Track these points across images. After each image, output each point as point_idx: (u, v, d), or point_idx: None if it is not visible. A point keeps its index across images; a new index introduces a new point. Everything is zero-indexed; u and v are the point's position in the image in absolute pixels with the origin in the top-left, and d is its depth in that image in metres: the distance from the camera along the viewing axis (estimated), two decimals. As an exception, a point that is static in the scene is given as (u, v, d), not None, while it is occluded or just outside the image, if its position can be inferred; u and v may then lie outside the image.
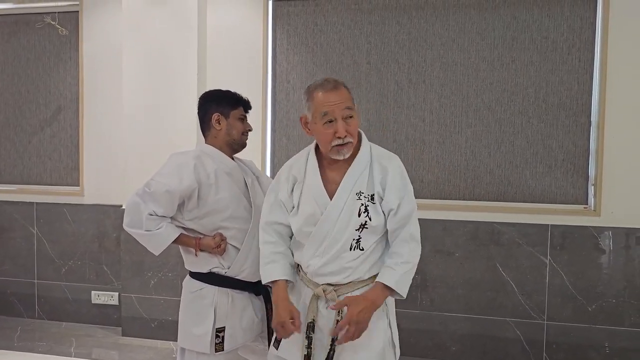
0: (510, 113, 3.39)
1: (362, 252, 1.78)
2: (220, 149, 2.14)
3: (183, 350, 2.09)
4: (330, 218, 1.78)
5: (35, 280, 4.13)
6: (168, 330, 3.71)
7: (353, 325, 1.68)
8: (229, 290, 2.04)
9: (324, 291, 1.80)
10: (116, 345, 3.66)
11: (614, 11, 3.19)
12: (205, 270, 2.04)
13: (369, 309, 1.71)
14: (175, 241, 2.02)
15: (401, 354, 1.89)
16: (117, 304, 3.96)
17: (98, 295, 4.01)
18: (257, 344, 2.16)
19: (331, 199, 1.79)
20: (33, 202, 4.10)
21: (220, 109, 2.14)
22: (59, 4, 3.98)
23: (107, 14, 3.91)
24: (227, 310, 2.02)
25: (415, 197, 1.86)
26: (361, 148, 1.85)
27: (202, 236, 2.04)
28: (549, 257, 3.30)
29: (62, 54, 4.06)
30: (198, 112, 2.19)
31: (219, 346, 1.99)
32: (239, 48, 3.71)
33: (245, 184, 2.16)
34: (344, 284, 1.80)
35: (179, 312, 2.14)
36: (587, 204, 3.30)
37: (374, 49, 3.55)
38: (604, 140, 3.22)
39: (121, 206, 3.77)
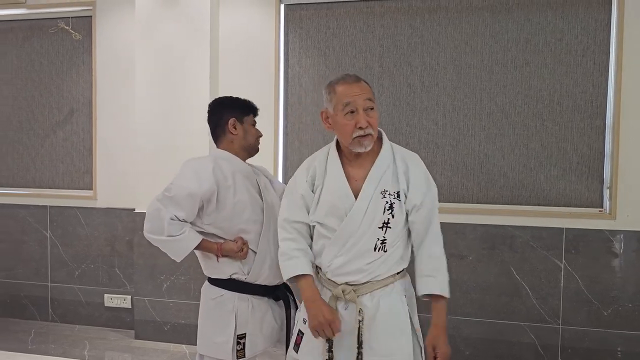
0: (524, 116, 3.37)
1: (386, 253, 1.79)
2: (236, 154, 2.14)
3: (202, 357, 2.08)
4: (356, 217, 1.78)
5: (49, 283, 4.15)
6: (181, 333, 3.72)
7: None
8: (249, 296, 2.04)
9: (343, 291, 1.80)
10: (129, 348, 3.67)
11: (629, 13, 3.16)
12: (225, 277, 2.04)
13: (445, 333, 1.81)
14: (197, 247, 2.01)
15: None
16: (130, 307, 3.97)
17: (111, 299, 4.03)
18: (275, 349, 2.16)
19: (355, 196, 1.79)
20: (46, 206, 4.12)
21: (235, 114, 2.14)
22: (72, 9, 4.01)
23: (120, 18, 3.93)
24: (248, 317, 2.02)
25: None
26: (383, 145, 1.85)
27: (222, 241, 2.03)
28: (563, 260, 3.28)
29: (75, 58, 4.08)
30: (209, 118, 2.18)
31: (240, 353, 1.99)
32: (251, 52, 3.71)
33: (259, 186, 2.16)
34: (362, 284, 1.80)
35: (199, 319, 2.14)
36: (602, 207, 3.27)
37: (387, 52, 3.55)
38: (619, 143, 3.20)
39: (134, 209, 3.78)
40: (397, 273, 1.84)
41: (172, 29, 3.64)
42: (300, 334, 1.87)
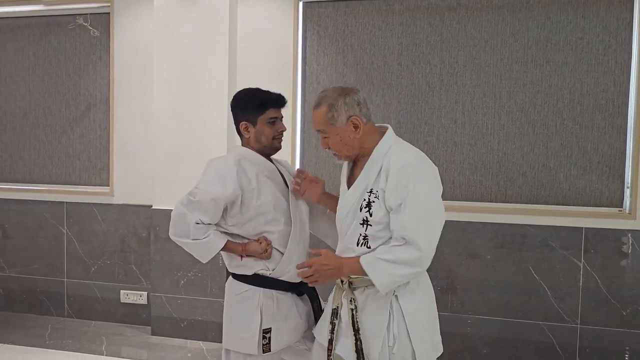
0: (544, 115, 3.36)
1: (370, 250, 1.82)
2: (257, 151, 2.12)
3: (228, 351, 2.09)
4: (342, 209, 1.89)
5: (65, 279, 4.18)
6: (197, 330, 3.73)
7: (311, 271, 1.85)
8: (273, 291, 2.04)
9: (341, 281, 1.89)
10: (146, 344, 3.69)
11: (652, 12, 3.16)
12: (250, 273, 2.04)
13: (333, 269, 1.84)
14: (222, 249, 2.02)
15: None
16: (146, 303, 3.99)
17: (127, 295, 4.05)
18: (299, 344, 2.17)
19: None
20: (63, 202, 4.14)
21: (247, 116, 2.09)
22: (90, 5, 4.02)
23: (138, 15, 3.93)
24: (273, 312, 2.02)
25: (446, 199, 1.85)
26: (377, 147, 1.85)
27: (246, 241, 2.03)
28: (582, 260, 3.27)
29: (92, 54, 4.10)
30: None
31: (265, 347, 1.99)
32: (270, 49, 3.72)
33: (285, 183, 2.15)
34: (355, 278, 1.86)
35: (224, 314, 2.14)
36: (622, 207, 3.26)
37: (405, 50, 3.54)
38: (639, 143, 3.19)
39: (151, 206, 3.79)
40: None
41: (190, 26, 3.64)
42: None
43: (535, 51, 3.36)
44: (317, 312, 2.11)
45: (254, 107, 2.09)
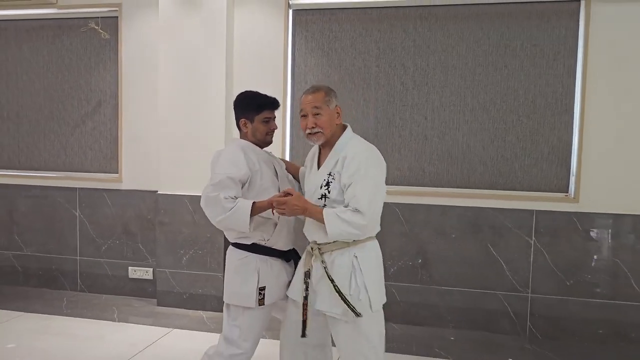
0: (502, 112, 3.84)
1: None
2: (253, 143, 2.57)
3: (228, 306, 2.55)
4: (311, 186, 2.36)
5: (78, 257, 4.63)
6: (198, 301, 4.21)
7: (284, 205, 2.23)
8: (267, 257, 2.51)
9: (312, 248, 2.34)
10: (153, 314, 4.15)
11: (595, 22, 3.63)
12: (249, 243, 2.50)
13: (299, 208, 2.24)
14: (253, 212, 2.34)
15: (402, 323, 2.27)
16: (152, 278, 4.46)
17: (134, 271, 4.51)
18: (283, 301, 2.64)
19: None
20: (76, 188, 4.58)
21: (246, 114, 2.53)
22: (100, 10, 4.43)
23: (144, 19, 4.35)
24: (267, 273, 2.49)
25: (417, 185, 2.32)
26: (339, 140, 2.34)
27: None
28: (533, 238, 3.77)
29: (102, 55, 4.52)
30: (234, 112, 2.62)
31: (261, 301, 2.46)
32: (262, 52, 4.16)
33: (275, 171, 2.61)
34: (323, 244, 2.31)
35: (225, 276, 2.59)
36: (568, 192, 3.76)
37: (383, 54, 4.00)
38: (583, 136, 3.68)
39: (156, 191, 4.25)
40: (349, 243, 2.27)
41: (191, 30, 4.08)
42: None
43: (496, 56, 3.83)
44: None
45: (252, 108, 2.52)
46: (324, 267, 2.28)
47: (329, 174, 2.29)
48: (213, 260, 4.16)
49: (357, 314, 2.21)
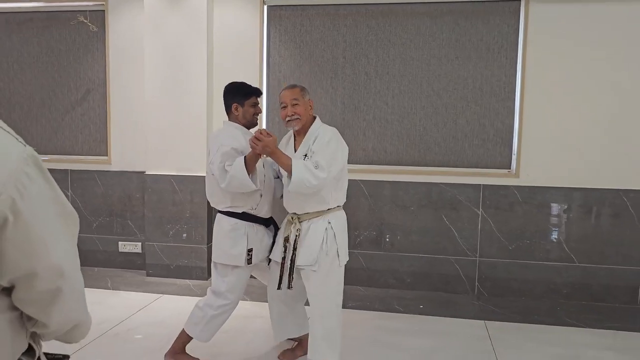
0: (454, 98, 4.34)
1: (307, 195, 2.73)
2: (242, 126, 3.02)
3: (217, 264, 3.00)
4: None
5: (70, 234, 4.99)
6: (184, 271, 4.65)
7: (260, 142, 2.62)
8: (254, 224, 2.96)
9: (291, 218, 2.83)
10: (144, 283, 4.58)
11: (533, 19, 4.14)
12: (240, 211, 2.94)
13: (271, 151, 2.64)
14: (247, 165, 2.72)
15: (367, 286, 2.70)
16: (141, 251, 4.87)
17: (124, 245, 4.91)
18: (263, 263, 3.11)
19: None
20: (67, 170, 4.94)
21: (237, 99, 2.98)
22: (86, 3, 4.76)
23: (130, 13, 4.71)
24: (254, 237, 2.94)
25: (380, 164, 2.84)
26: (311, 127, 2.83)
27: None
28: (480, 209, 4.31)
29: (90, 46, 4.86)
30: (223, 99, 3.05)
31: (249, 261, 2.92)
32: (240, 44, 4.57)
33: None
34: (300, 214, 2.80)
35: (214, 239, 3.00)
36: (510, 169, 4.30)
37: (349, 46, 4.46)
38: (523, 120, 4.21)
39: (144, 172, 4.65)
40: (327, 210, 2.78)
41: (175, 24, 4.46)
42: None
43: (448, 49, 4.32)
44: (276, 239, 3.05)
45: (242, 94, 2.99)
46: (296, 235, 2.78)
47: (305, 155, 2.77)
48: (197, 233, 4.60)
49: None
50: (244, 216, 2.93)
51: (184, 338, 3.03)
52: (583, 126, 4.15)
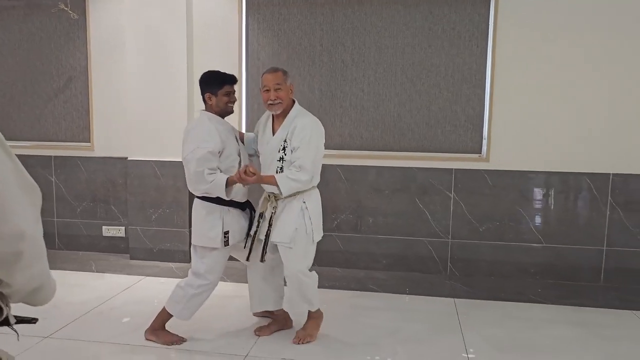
0: (427, 86, 4.49)
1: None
2: (216, 114, 3.13)
3: (196, 247, 3.13)
4: (268, 150, 2.99)
5: (55, 219, 5.11)
6: (166, 254, 4.78)
7: (251, 177, 2.81)
8: (229, 208, 3.08)
9: (269, 196, 3.01)
10: (127, 266, 4.71)
11: (502, 9, 4.27)
12: (214, 196, 3.06)
13: (258, 180, 2.87)
14: (227, 184, 2.91)
15: (344, 267, 2.88)
16: (124, 235, 4.99)
17: (108, 229, 5.03)
18: (241, 242, 3.24)
19: None
20: (51, 156, 5.03)
21: (210, 89, 3.06)
22: (67, -9, 4.82)
23: (111, 0, 4.77)
24: (230, 220, 3.07)
25: (356, 149, 3.04)
26: (292, 110, 2.97)
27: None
28: (452, 192, 4.48)
29: (71, 34, 4.92)
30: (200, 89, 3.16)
31: (226, 243, 3.05)
32: (219, 32, 4.66)
33: (236, 139, 3.18)
34: (277, 194, 2.96)
35: (193, 223, 3.13)
36: (481, 153, 4.46)
37: (325, 34, 4.57)
38: (493, 107, 4.37)
39: (127, 157, 4.76)
40: (299, 192, 2.95)
41: (155, 11, 4.54)
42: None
43: (421, 37, 4.45)
44: (253, 220, 3.20)
45: (215, 83, 3.06)
46: (272, 213, 2.96)
47: (284, 140, 2.94)
48: (179, 217, 4.72)
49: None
50: (219, 200, 3.06)
51: (164, 316, 3.18)
52: (550, 113, 4.32)
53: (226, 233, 3.06)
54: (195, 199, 3.16)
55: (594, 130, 4.28)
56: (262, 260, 3.02)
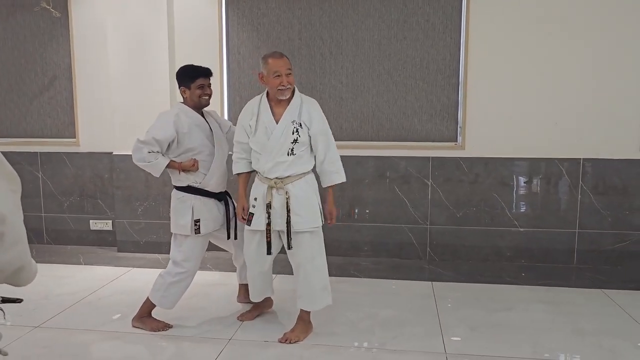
0: (403, 77, 4.61)
1: (294, 155, 2.99)
2: (191, 107, 3.24)
3: (175, 235, 3.25)
4: (276, 135, 2.97)
5: (43, 214, 5.20)
6: (153, 246, 4.89)
7: (332, 218, 3.15)
8: (200, 196, 3.19)
9: (275, 183, 3.01)
10: (115, 258, 4.82)
11: (475, 1, 4.40)
12: (185, 185, 3.18)
13: (334, 206, 3.17)
14: (168, 166, 3.09)
15: (329, 254, 3.00)
16: (111, 229, 5.09)
17: (95, 223, 5.12)
18: (220, 232, 3.36)
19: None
20: (37, 152, 5.11)
21: (184, 83, 3.17)
22: (49, -11, 4.88)
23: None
24: (200, 208, 3.17)
25: (337, 140, 3.13)
26: (295, 95, 3.05)
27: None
28: (430, 180, 4.62)
29: (54, 31, 4.99)
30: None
31: (197, 230, 3.17)
32: (200, 26, 4.75)
33: (211, 130, 3.29)
34: (286, 177, 3.01)
35: (171, 212, 3.28)
36: (457, 142, 4.60)
37: (304, 28, 4.68)
38: (467, 96, 4.51)
39: (112, 152, 4.85)
40: (306, 172, 3.06)
41: (137, 8, 4.61)
42: (251, 214, 3.09)
43: (397, 30, 4.57)
44: (229, 211, 3.30)
45: (188, 78, 3.18)
46: (287, 198, 2.99)
47: (294, 122, 2.99)
48: (164, 210, 4.83)
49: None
50: (190, 189, 3.18)
51: (149, 304, 3.30)
52: (522, 101, 4.46)
53: (197, 221, 3.16)
54: (173, 189, 3.27)
55: (564, 117, 4.42)
56: (289, 247, 3.04)
